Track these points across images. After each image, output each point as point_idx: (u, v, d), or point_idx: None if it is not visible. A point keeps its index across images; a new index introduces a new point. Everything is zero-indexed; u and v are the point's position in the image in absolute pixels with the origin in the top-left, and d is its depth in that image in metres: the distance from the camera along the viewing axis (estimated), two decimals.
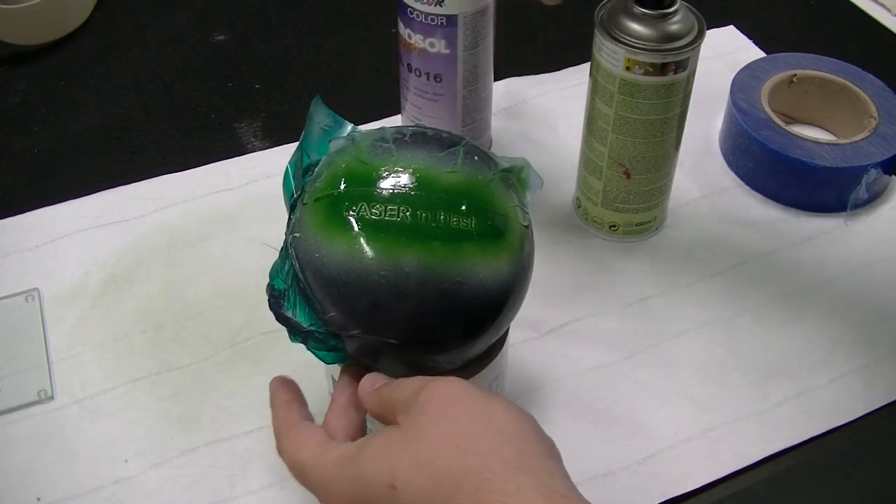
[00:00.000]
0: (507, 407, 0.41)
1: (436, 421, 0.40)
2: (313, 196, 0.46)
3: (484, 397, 0.41)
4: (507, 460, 0.38)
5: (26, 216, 0.71)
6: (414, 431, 0.40)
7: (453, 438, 0.39)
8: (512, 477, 0.37)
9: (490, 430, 0.39)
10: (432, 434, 0.39)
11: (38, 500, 0.55)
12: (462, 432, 0.39)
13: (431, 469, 0.38)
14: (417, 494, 0.38)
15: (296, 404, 0.47)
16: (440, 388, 0.41)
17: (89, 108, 0.81)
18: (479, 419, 0.40)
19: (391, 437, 0.41)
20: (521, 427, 0.40)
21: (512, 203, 0.48)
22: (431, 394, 0.41)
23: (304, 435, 0.44)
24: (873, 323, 0.65)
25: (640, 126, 0.63)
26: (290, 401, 0.47)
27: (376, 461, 0.40)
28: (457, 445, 0.39)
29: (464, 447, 0.39)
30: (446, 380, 0.42)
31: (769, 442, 0.58)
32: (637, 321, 0.65)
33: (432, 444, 0.39)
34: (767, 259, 0.69)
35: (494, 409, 0.41)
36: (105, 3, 0.92)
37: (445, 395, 0.41)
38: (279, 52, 0.87)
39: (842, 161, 0.70)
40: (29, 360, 0.62)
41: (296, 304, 0.46)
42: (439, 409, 0.40)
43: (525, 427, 0.40)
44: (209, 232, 0.70)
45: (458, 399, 0.41)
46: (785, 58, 0.79)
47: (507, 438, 0.39)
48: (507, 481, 0.37)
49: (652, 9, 0.60)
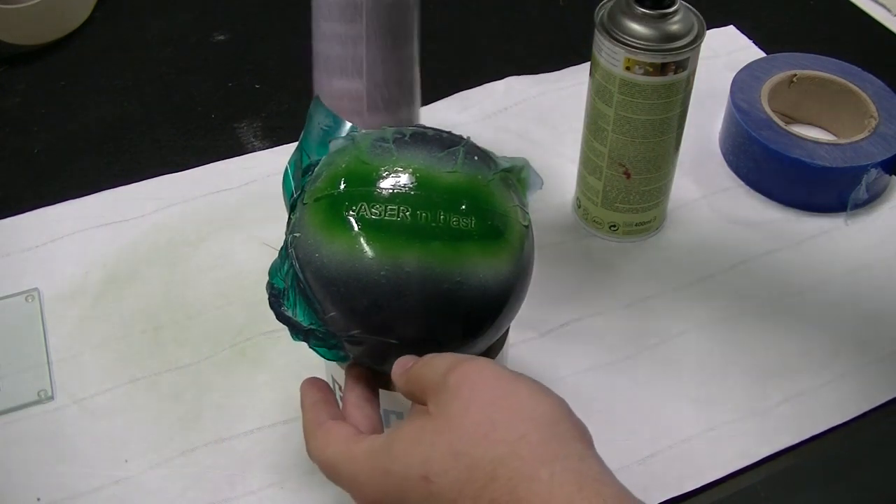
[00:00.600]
0: (535, 390, 0.40)
1: (467, 409, 0.39)
2: (313, 196, 0.46)
3: (513, 380, 0.41)
4: (537, 447, 0.38)
5: (26, 216, 0.71)
6: (445, 420, 0.40)
7: (484, 427, 0.39)
8: (544, 464, 0.37)
9: (520, 416, 0.39)
10: (465, 423, 0.39)
11: (38, 500, 0.55)
12: (492, 420, 0.39)
13: (465, 459, 0.38)
14: (452, 485, 0.38)
15: (323, 404, 0.46)
16: (470, 370, 0.41)
17: (89, 108, 0.81)
18: (508, 405, 0.39)
19: (423, 428, 0.40)
20: (550, 411, 0.40)
21: (512, 203, 0.48)
22: (462, 378, 0.41)
23: (332, 432, 0.44)
24: (873, 323, 0.65)
25: (640, 126, 0.63)
26: (317, 402, 0.46)
27: (409, 453, 0.40)
28: (486, 434, 0.38)
29: (494, 436, 0.38)
30: (474, 361, 0.42)
31: (769, 442, 0.58)
32: (637, 321, 0.65)
33: (465, 434, 0.39)
34: (767, 259, 0.69)
35: (523, 393, 0.40)
36: (105, 3, 0.92)
37: (475, 379, 0.40)
38: (279, 52, 0.87)
39: (842, 161, 0.70)
40: (29, 360, 0.62)
41: (296, 303, 0.46)
42: (469, 395, 0.40)
43: (555, 411, 0.40)
44: (209, 232, 0.70)
45: (487, 384, 0.40)
46: (785, 58, 0.79)
47: (537, 424, 0.39)
48: (540, 468, 0.37)
49: (652, 9, 0.60)
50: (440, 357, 0.43)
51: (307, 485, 0.55)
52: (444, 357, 0.43)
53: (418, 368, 0.43)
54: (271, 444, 0.58)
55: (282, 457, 0.57)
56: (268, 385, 0.61)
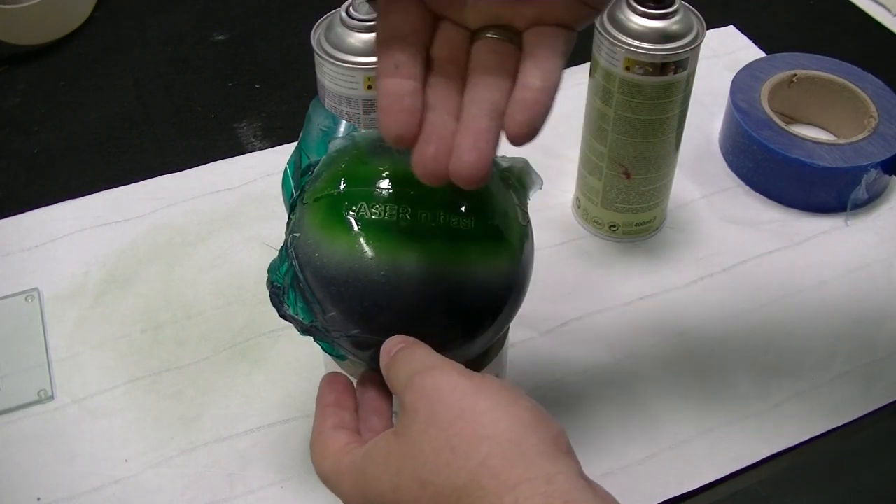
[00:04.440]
0: (496, 403, 0.38)
1: (426, 431, 0.38)
2: (313, 196, 0.46)
3: (472, 393, 0.39)
4: (500, 472, 0.36)
5: (26, 216, 0.71)
6: (408, 445, 0.38)
7: (444, 453, 0.37)
8: (508, 491, 0.35)
9: (480, 437, 0.37)
10: (425, 449, 0.38)
11: (38, 500, 0.55)
12: (451, 445, 0.37)
13: (430, 488, 0.37)
14: None
15: (332, 408, 0.45)
16: (426, 386, 0.39)
17: (89, 108, 0.81)
18: (467, 426, 0.38)
19: (390, 452, 0.39)
20: (512, 427, 0.38)
21: (512, 203, 0.48)
22: (418, 397, 0.39)
23: (327, 444, 0.43)
24: (873, 323, 0.65)
25: (639, 126, 0.63)
26: (327, 405, 0.45)
27: (380, 479, 0.39)
28: (447, 462, 0.37)
29: (454, 463, 0.37)
30: (431, 373, 0.40)
31: (769, 442, 0.58)
32: (637, 321, 0.65)
33: (427, 461, 0.37)
34: (767, 259, 0.69)
35: (482, 408, 0.38)
36: (105, 3, 0.92)
37: (431, 396, 0.39)
38: (279, 52, 0.87)
39: (842, 161, 0.70)
40: (29, 360, 0.62)
41: (296, 302, 0.46)
42: (427, 417, 0.38)
43: (516, 427, 0.38)
44: (209, 232, 0.70)
45: (444, 400, 0.38)
46: (785, 58, 0.79)
47: (499, 444, 0.37)
48: (505, 496, 0.35)
49: (652, 8, 0.60)
50: (404, 361, 0.41)
51: (307, 484, 0.55)
52: (406, 362, 0.41)
53: (388, 371, 0.42)
54: (271, 444, 0.58)
55: (282, 456, 0.57)
56: (268, 385, 0.61)
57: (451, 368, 0.40)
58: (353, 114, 0.57)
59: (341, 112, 0.57)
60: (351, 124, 0.50)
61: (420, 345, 0.43)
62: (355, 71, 0.56)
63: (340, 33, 0.56)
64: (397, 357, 0.42)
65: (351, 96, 0.57)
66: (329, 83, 0.57)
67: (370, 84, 0.56)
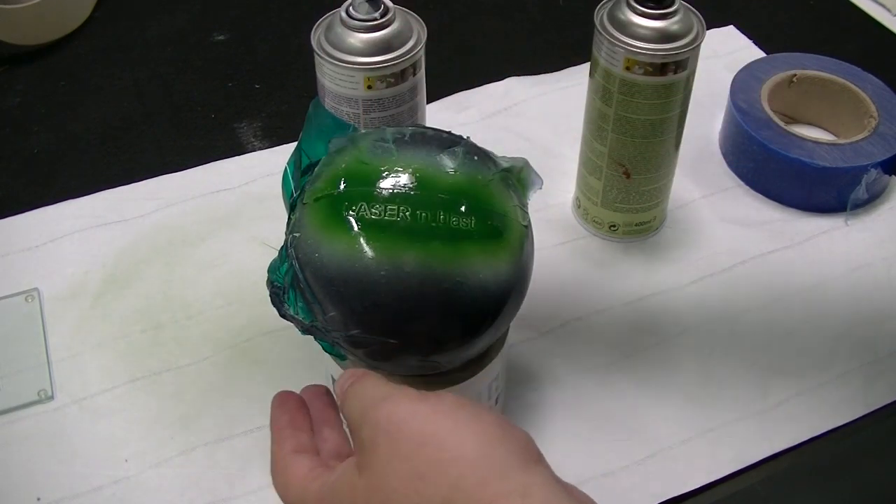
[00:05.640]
0: (458, 422, 0.37)
1: (389, 463, 0.37)
2: (313, 196, 0.46)
3: (431, 417, 0.38)
4: (473, 492, 0.35)
5: (26, 216, 0.71)
6: (372, 480, 0.38)
7: (412, 483, 0.36)
8: None
9: (447, 460, 0.36)
10: (391, 481, 0.37)
11: (38, 500, 0.55)
12: (419, 473, 0.36)
13: None
14: None
15: (289, 431, 0.44)
16: (380, 420, 0.38)
17: (89, 108, 0.81)
18: (431, 451, 0.36)
19: (354, 487, 0.38)
20: (478, 445, 0.37)
21: (512, 203, 0.48)
22: (374, 433, 0.38)
23: (290, 471, 0.42)
24: (873, 323, 0.65)
25: (639, 126, 0.63)
26: (282, 427, 0.44)
27: None
28: (417, 490, 0.36)
29: (425, 492, 0.36)
30: (385, 404, 0.39)
31: (769, 442, 0.58)
32: (637, 321, 0.65)
33: (394, 493, 0.36)
34: (767, 259, 0.69)
35: (445, 430, 0.37)
36: (105, 3, 0.92)
37: (388, 429, 0.38)
38: (279, 52, 0.87)
39: (842, 161, 0.70)
40: (29, 360, 0.62)
41: (296, 302, 0.46)
42: (388, 449, 0.37)
43: (482, 443, 0.37)
44: (209, 232, 0.70)
45: (403, 431, 0.37)
46: (785, 58, 0.79)
47: (468, 464, 0.36)
48: None
49: (652, 9, 0.60)
50: (355, 396, 0.40)
51: None
52: (358, 397, 0.40)
53: (343, 407, 0.41)
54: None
55: None
56: (268, 385, 0.60)
57: (403, 396, 0.39)
58: (353, 114, 0.57)
59: (341, 112, 0.57)
60: (351, 124, 0.50)
61: (370, 376, 0.41)
62: (355, 71, 0.56)
63: (340, 33, 0.56)
64: (348, 394, 0.41)
65: (351, 96, 0.57)
66: (329, 83, 0.57)
67: (370, 84, 0.56)
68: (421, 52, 0.57)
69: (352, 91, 0.56)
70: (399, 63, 0.56)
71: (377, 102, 0.57)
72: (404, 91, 0.57)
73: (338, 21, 0.56)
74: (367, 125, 0.57)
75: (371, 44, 0.56)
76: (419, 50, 0.57)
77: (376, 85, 0.56)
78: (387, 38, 0.56)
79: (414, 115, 0.59)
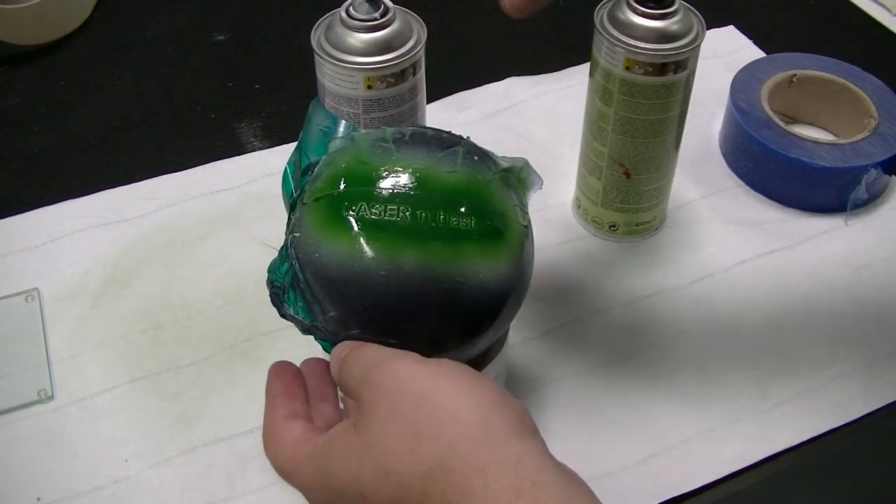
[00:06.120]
0: (457, 386, 0.38)
1: (387, 422, 0.38)
2: (313, 196, 0.46)
3: (431, 379, 0.38)
4: (467, 455, 0.36)
5: (26, 216, 0.71)
6: (369, 436, 0.38)
7: (408, 441, 0.37)
8: (477, 474, 0.35)
9: (444, 422, 0.37)
10: (387, 439, 0.37)
11: (38, 500, 0.55)
12: (415, 432, 0.37)
13: (395, 477, 0.37)
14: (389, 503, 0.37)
15: (282, 398, 0.45)
16: (383, 379, 0.39)
17: (89, 108, 0.81)
18: (429, 412, 0.37)
19: (350, 443, 0.39)
20: (476, 410, 0.37)
21: (512, 203, 0.48)
22: (375, 391, 0.39)
23: (281, 435, 0.43)
24: (873, 323, 0.65)
25: (639, 126, 0.63)
26: (277, 395, 0.45)
27: (342, 471, 0.39)
28: (412, 449, 0.37)
29: (419, 451, 0.36)
30: (386, 365, 0.39)
31: (769, 442, 0.58)
32: (637, 321, 0.65)
33: (390, 451, 0.37)
34: (767, 259, 0.69)
35: (443, 393, 0.38)
36: (105, 3, 0.92)
37: (389, 388, 0.38)
38: (279, 52, 0.87)
39: (842, 161, 0.70)
40: (29, 360, 0.62)
41: (296, 302, 0.46)
42: (387, 408, 0.38)
43: (481, 408, 0.37)
44: (209, 232, 0.70)
45: (403, 390, 0.38)
46: (785, 58, 0.79)
47: (464, 428, 0.36)
48: (473, 479, 0.35)
49: (652, 9, 0.60)
50: (356, 359, 0.41)
51: None
52: (358, 360, 0.41)
53: (340, 373, 0.42)
54: None
55: None
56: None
57: (406, 356, 0.40)
58: (353, 114, 0.57)
59: (341, 112, 0.57)
60: (351, 124, 0.50)
61: (369, 344, 0.42)
62: (355, 71, 0.56)
63: (340, 33, 0.56)
64: (348, 359, 0.42)
65: (351, 96, 0.57)
66: (329, 83, 0.57)
67: (370, 84, 0.56)
68: (421, 52, 0.57)
69: (352, 91, 0.56)
70: (399, 63, 0.56)
71: (377, 102, 0.57)
72: (404, 91, 0.57)
73: (338, 21, 0.56)
74: (367, 125, 0.57)
75: (371, 44, 0.56)
76: (419, 50, 0.57)
77: (376, 85, 0.56)
78: (387, 38, 0.56)
79: (414, 115, 0.59)
